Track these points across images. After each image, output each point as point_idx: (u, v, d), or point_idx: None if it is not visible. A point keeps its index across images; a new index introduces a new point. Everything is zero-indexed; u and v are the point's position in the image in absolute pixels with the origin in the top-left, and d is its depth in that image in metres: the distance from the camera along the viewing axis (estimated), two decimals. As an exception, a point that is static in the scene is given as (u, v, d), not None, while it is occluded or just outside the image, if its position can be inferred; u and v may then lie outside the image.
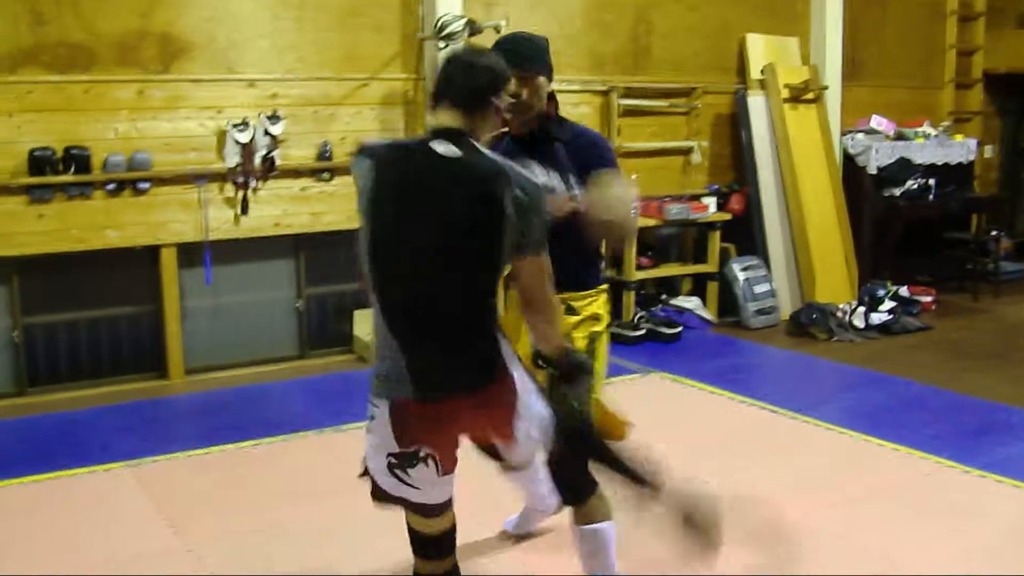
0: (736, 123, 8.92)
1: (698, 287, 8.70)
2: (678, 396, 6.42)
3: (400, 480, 2.84)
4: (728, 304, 8.41)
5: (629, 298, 8.10)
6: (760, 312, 8.29)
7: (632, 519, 2.99)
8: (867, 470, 5.11)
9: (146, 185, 6.54)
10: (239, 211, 6.83)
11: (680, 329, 7.83)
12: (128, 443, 5.52)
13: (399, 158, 2.78)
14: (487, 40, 7.46)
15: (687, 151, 8.73)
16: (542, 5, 7.88)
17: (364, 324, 7.29)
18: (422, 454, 2.80)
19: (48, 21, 6.24)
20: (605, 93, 8.26)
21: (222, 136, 6.70)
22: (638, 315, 7.97)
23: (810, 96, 8.88)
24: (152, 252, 6.70)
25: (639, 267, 8.19)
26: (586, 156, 3.36)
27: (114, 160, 6.41)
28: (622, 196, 3.16)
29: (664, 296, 8.47)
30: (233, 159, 6.70)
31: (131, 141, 6.49)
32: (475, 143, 2.75)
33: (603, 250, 3.62)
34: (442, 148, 2.70)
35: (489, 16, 7.46)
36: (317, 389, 6.67)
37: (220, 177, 6.76)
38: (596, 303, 3.44)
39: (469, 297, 2.71)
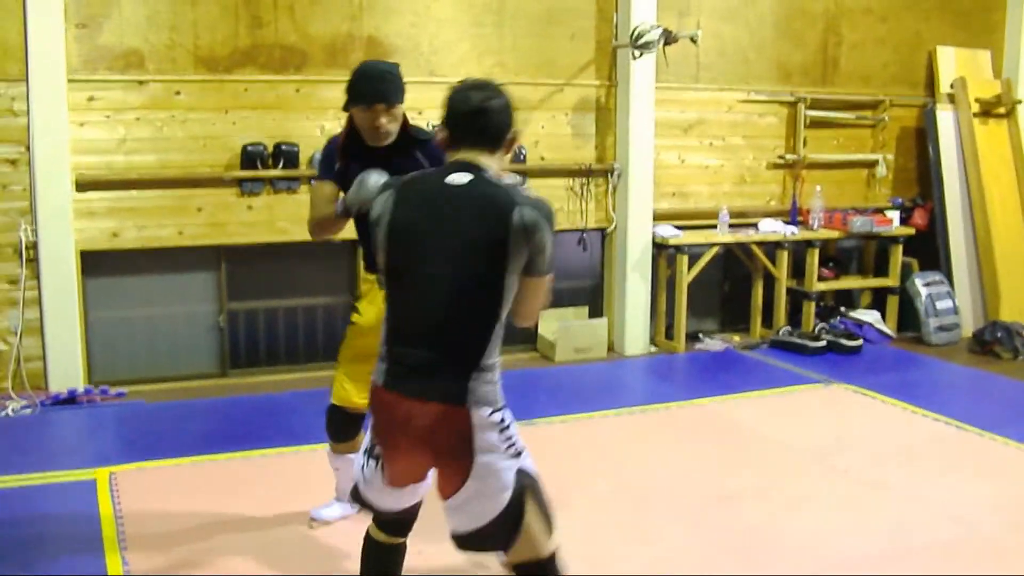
0: (923, 137, 8.80)
1: (876, 301, 8.62)
2: (862, 407, 6.39)
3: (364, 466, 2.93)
4: (908, 319, 8.31)
5: (809, 309, 8.08)
6: (942, 328, 8.16)
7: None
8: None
9: (348, 181, 6.83)
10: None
11: (861, 342, 7.77)
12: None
13: (415, 188, 2.84)
14: (681, 53, 7.49)
15: (872, 164, 8.66)
16: (734, 14, 7.93)
17: (549, 323, 7.48)
18: (375, 451, 2.88)
19: (265, 24, 6.60)
20: (792, 104, 8.26)
21: (421, 136, 6.95)
22: (818, 326, 7.96)
23: (1001, 111, 8.71)
24: (350, 245, 6.97)
25: (820, 278, 8.16)
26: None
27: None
28: None
29: (843, 308, 8.42)
30: (431, 158, 6.94)
31: (336, 139, 6.79)
32: (487, 175, 2.80)
33: None
34: (454, 178, 2.77)
35: (682, 25, 7.54)
36: (504, 384, 6.82)
37: (417, 175, 7.00)
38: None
39: (475, 323, 2.73)
